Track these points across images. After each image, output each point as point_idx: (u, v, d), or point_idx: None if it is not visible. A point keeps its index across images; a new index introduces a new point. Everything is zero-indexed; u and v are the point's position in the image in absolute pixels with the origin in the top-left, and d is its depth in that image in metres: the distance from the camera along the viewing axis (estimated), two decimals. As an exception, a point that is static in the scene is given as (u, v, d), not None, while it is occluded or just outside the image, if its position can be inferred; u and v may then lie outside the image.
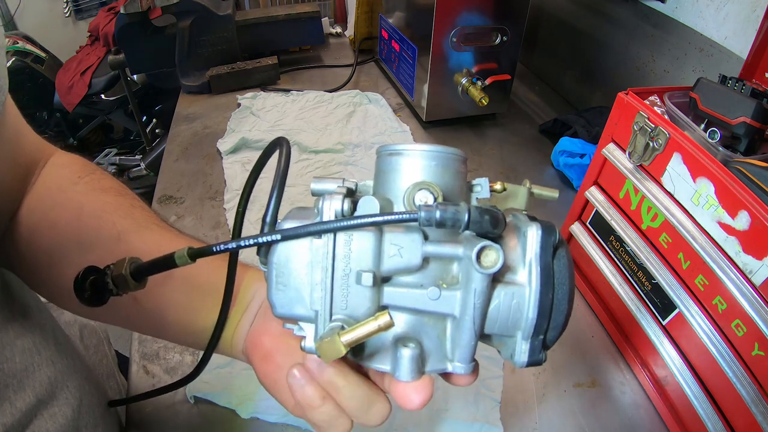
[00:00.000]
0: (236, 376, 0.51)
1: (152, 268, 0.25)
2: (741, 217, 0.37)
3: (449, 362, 0.24)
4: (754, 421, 0.38)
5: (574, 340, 0.56)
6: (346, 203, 0.23)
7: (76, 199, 0.36)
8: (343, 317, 0.23)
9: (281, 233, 0.22)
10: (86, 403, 0.36)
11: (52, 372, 0.33)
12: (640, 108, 0.46)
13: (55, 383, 0.33)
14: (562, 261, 0.23)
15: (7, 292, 0.33)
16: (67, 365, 0.36)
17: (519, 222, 0.25)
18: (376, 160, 0.26)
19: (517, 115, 0.97)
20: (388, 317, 0.21)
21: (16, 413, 0.29)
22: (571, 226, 0.60)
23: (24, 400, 0.30)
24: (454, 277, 0.24)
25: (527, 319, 0.23)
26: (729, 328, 0.41)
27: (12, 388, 0.29)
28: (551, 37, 1.05)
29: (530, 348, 0.23)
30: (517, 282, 0.23)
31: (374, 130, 0.88)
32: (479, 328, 0.23)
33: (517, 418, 0.49)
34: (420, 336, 0.24)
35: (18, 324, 0.32)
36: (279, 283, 0.24)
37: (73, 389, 0.35)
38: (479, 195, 0.28)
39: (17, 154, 0.35)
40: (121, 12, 0.97)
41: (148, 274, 0.25)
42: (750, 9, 0.61)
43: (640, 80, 0.81)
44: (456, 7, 0.75)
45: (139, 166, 1.86)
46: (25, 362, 0.31)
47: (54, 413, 0.32)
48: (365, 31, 1.12)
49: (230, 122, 0.90)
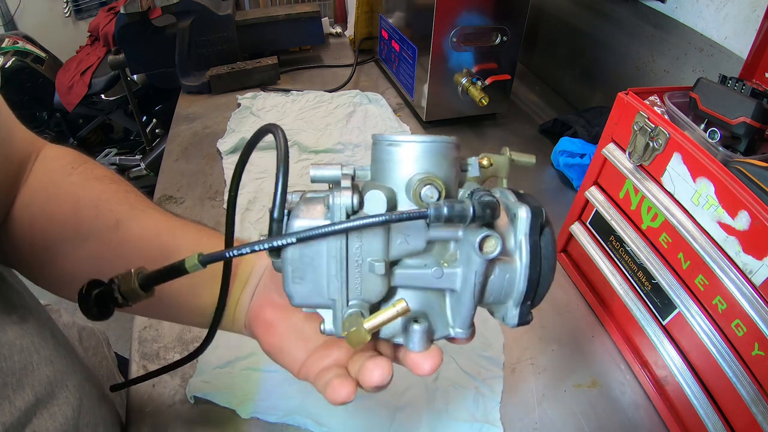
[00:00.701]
0: (236, 376, 0.51)
1: (162, 277, 0.25)
2: (741, 217, 0.37)
3: (451, 329, 0.27)
4: (754, 421, 0.38)
5: (574, 340, 0.56)
6: (355, 198, 0.24)
7: (71, 190, 0.36)
8: (358, 302, 0.26)
9: (296, 236, 0.22)
10: (86, 404, 0.36)
11: (51, 371, 0.33)
12: (640, 108, 0.46)
13: (55, 382, 0.33)
14: (547, 238, 0.26)
15: (5, 293, 0.33)
16: (67, 365, 0.36)
17: (509, 202, 0.27)
18: (373, 147, 0.27)
19: (517, 115, 0.97)
20: (405, 304, 0.23)
21: (15, 412, 0.29)
22: (571, 226, 0.60)
23: (23, 399, 0.30)
24: (452, 254, 0.26)
25: (518, 290, 0.26)
26: (729, 328, 0.41)
27: (11, 387, 0.29)
28: (551, 37, 1.05)
29: (520, 312, 0.27)
30: (509, 258, 0.26)
31: (374, 130, 0.88)
32: (478, 301, 0.26)
33: (517, 418, 0.49)
34: (426, 309, 0.27)
35: (16, 325, 0.32)
36: (295, 277, 0.25)
37: (73, 389, 0.35)
38: (471, 174, 0.30)
39: (9, 151, 0.34)
40: (121, 12, 0.97)
41: (157, 283, 0.25)
42: (750, 9, 0.61)
43: (640, 80, 0.81)
44: (456, 7, 0.75)
45: (139, 166, 1.86)
46: (24, 361, 0.31)
47: (54, 412, 0.32)
48: (365, 31, 1.12)
49: (230, 122, 0.90)
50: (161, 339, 0.54)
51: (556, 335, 0.57)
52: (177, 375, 0.51)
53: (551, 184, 0.79)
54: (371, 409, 0.49)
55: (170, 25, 1.00)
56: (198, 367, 0.51)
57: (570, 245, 0.64)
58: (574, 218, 0.60)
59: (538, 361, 0.54)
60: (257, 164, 0.79)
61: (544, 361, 0.54)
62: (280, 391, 0.49)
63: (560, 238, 0.65)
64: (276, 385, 0.50)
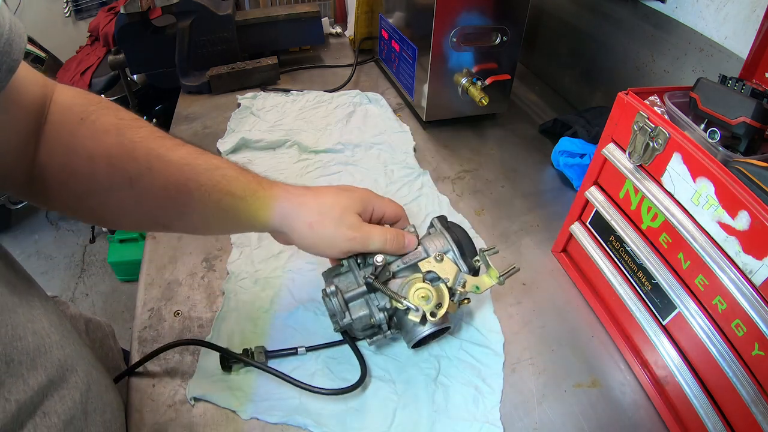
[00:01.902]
0: (236, 377, 0.51)
1: None
2: (741, 217, 0.37)
3: None
4: (754, 421, 0.38)
5: (574, 340, 0.56)
6: None
7: (86, 146, 0.38)
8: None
9: None
10: (94, 389, 0.37)
11: (62, 355, 0.34)
12: (640, 108, 0.46)
13: (66, 365, 0.34)
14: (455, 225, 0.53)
15: (12, 281, 0.34)
16: (75, 351, 0.37)
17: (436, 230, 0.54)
18: None
19: (517, 115, 0.97)
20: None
21: (28, 391, 0.30)
22: (571, 226, 0.60)
23: (36, 379, 0.30)
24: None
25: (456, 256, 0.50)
26: (729, 328, 0.41)
27: (25, 366, 0.30)
28: (551, 37, 1.05)
29: (467, 263, 0.50)
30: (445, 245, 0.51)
31: (374, 130, 0.88)
32: None
33: (517, 418, 0.49)
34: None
35: (27, 312, 0.33)
36: None
37: (82, 374, 0.36)
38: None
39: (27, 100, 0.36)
40: (121, 12, 0.97)
41: None
42: (750, 9, 0.61)
43: (640, 80, 0.81)
44: (456, 7, 0.75)
45: (139, 166, 1.85)
46: (38, 342, 0.32)
47: (63, 395, 0.33)
48: (365, 31, 1.12)
49: (230, 122, 0.90)
50: (161, 339, 0.54)
51: (556, 335, 0.57)
52: (177, 375, 0.51)
53: (551, 184, 0.79)
54: (371, 409, 0.49)
55: (170, 25, 1.00)
56: (198, 368, 0.51)
57: (570, 245, 0.64)
58: (574, 218, 0.60)
59: (538, 361, 0.54)
60: (257, 164, 0.79)
61: (544, 361, 0.54)
62: (280, 392, 0.49)
63: (560, 238, 0.65)
64: (276, 385, 0.50)
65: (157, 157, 0.40)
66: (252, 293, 0.59)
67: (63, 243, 2.09)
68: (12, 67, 0.32)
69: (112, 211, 0.42)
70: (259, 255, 0.64)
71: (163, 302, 0.58)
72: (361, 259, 0.51)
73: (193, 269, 0.63)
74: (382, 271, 0.47)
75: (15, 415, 0.28)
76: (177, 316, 0.57)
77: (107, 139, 0.39)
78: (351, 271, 0.51)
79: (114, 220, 0.46)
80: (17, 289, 0.33)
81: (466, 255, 0.51)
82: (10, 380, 0.28)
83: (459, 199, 0.76)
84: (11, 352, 0.29)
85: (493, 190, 0.77)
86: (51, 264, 2.00)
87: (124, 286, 1.88)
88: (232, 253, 0.64)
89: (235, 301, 0.58)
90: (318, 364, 0.52)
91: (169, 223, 0.45)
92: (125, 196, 0.40)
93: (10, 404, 0.28)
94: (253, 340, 0.54)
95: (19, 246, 2.05)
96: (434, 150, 0.86)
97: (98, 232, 2.09)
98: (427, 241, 0.52)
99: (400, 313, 0.48)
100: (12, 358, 0.29)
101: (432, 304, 0.45)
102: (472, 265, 0.51)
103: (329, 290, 0.47)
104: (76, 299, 1.85)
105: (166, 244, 0.66)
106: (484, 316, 0.58)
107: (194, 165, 0.42)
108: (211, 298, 0.59)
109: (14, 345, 0.29)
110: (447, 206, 0.73)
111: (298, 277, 0.61)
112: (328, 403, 0.49)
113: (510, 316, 0.58)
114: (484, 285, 0.49)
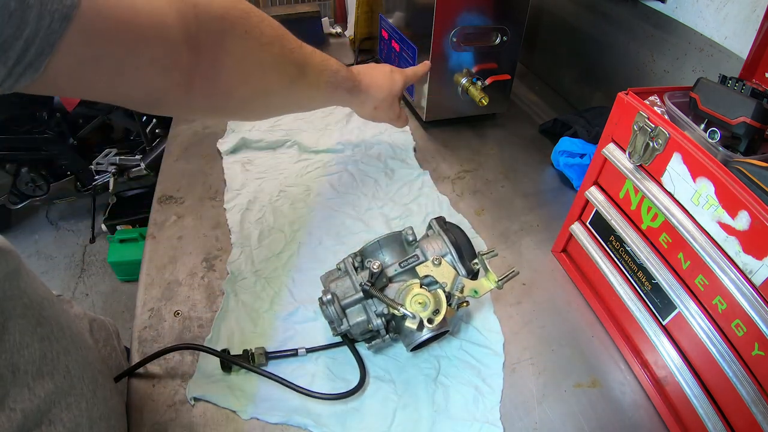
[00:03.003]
0: (236, 377, 0.51)
1: None
2: (741, 217, 0.37)
3: None
4: (754, 421, 0.38)
5: (574, 340, 0.56)
6: None
7: (256, 57, 0.47)
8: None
9: None
10: (100, 395, 0.37)
11: (68, 361, 0.34)
12: (640, 108, 0.46)
13: (72, 373, 0.34)
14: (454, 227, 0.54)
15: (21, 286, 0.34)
16: (82, 356, 0.37)
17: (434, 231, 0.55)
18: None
19: (517, 115, 0.97)
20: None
21: (35, 399, 0.29)
22: (571, 226, 0.60)
23: (43, 388, 0.30)
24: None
25: (454, 259, 0.50)
26: (729, 328, 0.41)
27: (31, 375, 0.30)
28: (551, 37, 1.04)
29: (465, 266, 0.51)
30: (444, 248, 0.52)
31: (374, 130, 0.88)
32: None
33: (517, 418, 0.49)
34: None
35: (34, 317, 0.33)
36: None
37: (87, 380, 0.36)
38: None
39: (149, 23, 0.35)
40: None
41: None
42: (750, 9, 0.61)
43: (640, 80, 0.81)
44: (456, 7, 0.75)
45: (139, 166, 1.86)
46: (44, 349, 0.32)
47: (69, 403, 0.33)
48: (365, 31, 1.12)
49: (230, 122, 0.90)
50: (161, 339, 0.54)
51: (556, 335, 0.57)
52: (177, 375, 0.51)
53: (551, 184, 0.79)
54: (371, 409, 0.49)
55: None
56: (198, 368, 0.51)
57: (570, 245, 0.64)
58: (574, 218, 0.60)
59: (538, 361, 0.54)
60: (257, 164, 0.79)
61: (544, 361, 0.54)
62: (280, 392, 0.50)
63: (560, 238, 0.65)
64: (276, 385, 0.50)
65: (306, 63, 0.53)
66: (252, 293, 0.59)
67: (63, 243, 2.09)
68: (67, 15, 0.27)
69: (266, 109, 0.55)
70: (260, 255, 0.64)
71: (163, 302, 0.58)
72: (358, 262, 0.51)
73: (193, 269, 0.63)
74: (379, 277, 0.47)
75: (21, 425, 0.28)
76: (177, 316, 0.57)
77: (270, 51, 0.47)
78: (348, 275, 0.51)
79: (263, 115, 0.62)
80: (26, 295, 0.33)
81: (465, 258, 0.51)
82: (15, 389, 0.28)
83: (459, 199, 0.76)
84: (17, 360, 0.29)
85: (493, 190, 0.77)
86: (51, 264, 2.00)
87: (124, 286, 1.88)
88: (232, 252, 0.64)
89: (235, 301, 0.58)
90: (318, 365, 0.52)
91: (296, 111, 0.63)
92: (285, 94, 0.53)
93: (16, 414, 0.28)
94: (253, 341, 0.54)
95: (19, 246, 2.04)
96: (434, 150, 0.86)
97: (98, 232, 2.09)
98: (425, 243, 0.52)
99: (398, 318, 0.48)
100: (18, 368, 0.29)
101: (429, 311, 0.45)
102: (470, 268, 0.50)
103: (326, 299, 0.48)
104: (76, 299, 1.86)
105: (166, 244, 0.66)
106: (484, 316, 0.58)
107: (327, 65, 0.57)
108: (211, 298, 0.59)
109: (21, 353, 0.29)
110: (447, 206, 0.73)
111: (299, 277, 0.61)
112: (328, 404, 0.49)
113: (510, 316, 0.58)
114: (483, 289, 0.49)
